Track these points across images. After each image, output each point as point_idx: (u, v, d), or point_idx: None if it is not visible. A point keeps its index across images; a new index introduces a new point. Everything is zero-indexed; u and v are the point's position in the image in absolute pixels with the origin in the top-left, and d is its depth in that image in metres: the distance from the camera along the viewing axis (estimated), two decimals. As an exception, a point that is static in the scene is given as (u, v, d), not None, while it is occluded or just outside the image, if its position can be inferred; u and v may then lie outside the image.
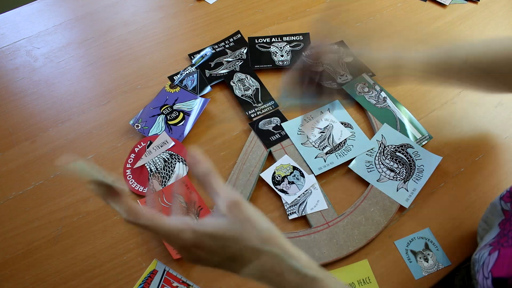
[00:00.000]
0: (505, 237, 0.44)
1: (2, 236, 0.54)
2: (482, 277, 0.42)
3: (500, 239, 0.44)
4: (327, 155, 0.60)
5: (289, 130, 0.63)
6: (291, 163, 0.59)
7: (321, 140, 0.61)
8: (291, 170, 0.58)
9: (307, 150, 0.60)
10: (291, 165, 0.59)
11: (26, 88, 0.70)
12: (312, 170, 0.58)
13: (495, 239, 0.46)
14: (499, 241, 0.45)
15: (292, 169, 0.58)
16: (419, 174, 0.58)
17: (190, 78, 0.70)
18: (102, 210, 0.56)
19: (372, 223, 0.54)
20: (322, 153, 0.60)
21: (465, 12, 0.83)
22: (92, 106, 0.68)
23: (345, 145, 0.61)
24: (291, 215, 0.54)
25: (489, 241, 0.47)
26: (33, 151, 0.62)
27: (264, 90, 0.69)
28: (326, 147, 0.61)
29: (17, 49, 0.76)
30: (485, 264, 0.43)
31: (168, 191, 0.57)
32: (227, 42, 0.76)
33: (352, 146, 0.61)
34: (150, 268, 0.50)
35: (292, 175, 0.58)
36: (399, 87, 0.70)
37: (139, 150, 0.61)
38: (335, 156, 0.60)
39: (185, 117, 0.65)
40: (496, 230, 0.47)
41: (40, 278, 0.51)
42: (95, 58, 0.75)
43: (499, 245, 0.44)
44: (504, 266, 0.40)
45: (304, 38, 0.77)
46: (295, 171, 0.58)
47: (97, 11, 0.83)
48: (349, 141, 0.61)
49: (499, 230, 0.46)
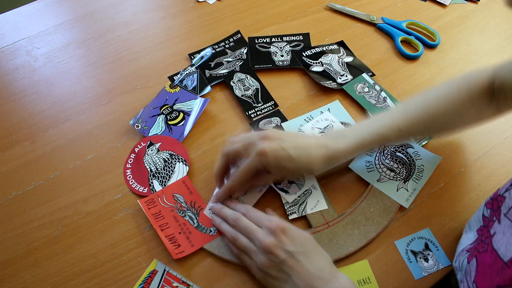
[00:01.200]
0: (482, 243, 0.44)
1: (2, 236, 0.54)
2: (466, 287, 0.42)
3: (477, 246, 0.44)
4: None
5: (289, 130, 0.63)
6: None
7: None
8: None
9: None
10: None
11: (26, 88, 0.70)
12: None
13: (473, 245, 0.45)
14: (476, 247, 0.44)
15: None
16: (419, 174, 0.58)
17: (190, 78, 0.70)
18: (102, 210, 0.56)
19: (372, 223, 0.54)
20: None
21: (465, 12, 0.83)
22: (92, 106, 0.68)
23: None
24: (291, 215, 0.54)
25: (466, 247, 0.47)
26: (33, 151, 0.62)
27: (264, 90, 0.69)
28: None
29: (17, 49, 0.76)
30: (467, 273, 0.43)
31: (168, 191, 0.57)
32: (227, 42, 0.76)
33: None
34: (150, 268, 0.50)
35: None
36: (399, 87, 0.70)
37: (139, 150, 0.61)
38: None
39: (185, 117, 0.65)
40: (474, 236, 0.47)
41: (40, 278, 0.51)
42: (95, 58, 0.75)
43: (475, 251, 0.44)
44: (486, 276, 0.39)
45: (304, 38, 0.77)
46: None
47: (97, 11, 0.83)
48: None
49: (477, 236, 0.46)
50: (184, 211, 0.55)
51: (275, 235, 0.45)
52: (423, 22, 0.79)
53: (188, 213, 0.55)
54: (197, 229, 0.53)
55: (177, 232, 0.53)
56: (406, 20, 0.80)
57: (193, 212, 0.55)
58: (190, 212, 0.55)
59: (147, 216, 0.54)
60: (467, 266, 0.43)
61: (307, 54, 0.74)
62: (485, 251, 0.41)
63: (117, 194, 0.58)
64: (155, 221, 0.54)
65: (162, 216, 0.54)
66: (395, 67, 0.73)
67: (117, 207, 0.56)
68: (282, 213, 0.55)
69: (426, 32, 0.79)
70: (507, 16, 0.83)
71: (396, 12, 0.83)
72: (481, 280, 0.40)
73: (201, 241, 0.52)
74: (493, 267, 0.38)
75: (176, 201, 0.56)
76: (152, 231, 0.54)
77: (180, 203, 0.56)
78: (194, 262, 0.52)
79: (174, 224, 0.53)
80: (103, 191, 0.58)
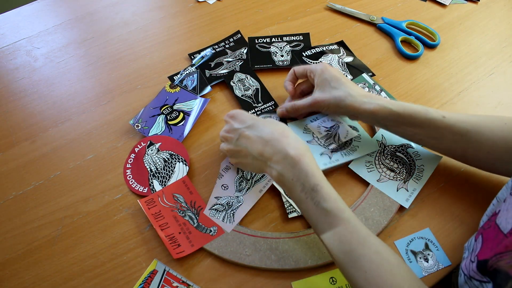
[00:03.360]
0: (487, 221, 0.45)
1: (2, 236, 0.54)
2: (468, 262, 0.43)
3: (484, 224, 0.45)
4: (332, 153, 0.60)
5: (295, 129, 0.63)
6: None
7: (327, 137, 0.61)
8: None
9: (312, 147, 0.60)
10: None
11: (26, 88, 0.70)
12: None
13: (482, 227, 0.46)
14: (483, 225, 0.45)
15: None
16: (419, 174, 0.58)
17: (190, 78, 0.70)
18: (102, 210, 0.56)
19: (372, 223, 0.54)
20: (328, 150, 0.60)
21: (465, 12, 0.83)
22: (92, 106, 0.68)
23: (351, 145, 0.61)
24: (290, 214, 0.54)
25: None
26: (33, 151, 0.62)
27: (264, 90, 0.69)
28: (331, 144, 0.61)
29: (17, 49, 0.76)
30: (474, 250, 0.44)
31: (168, 191, 0.57)
32: (227, 42, 0.76)
33: (357, 147, 0.60)
34: (150, 268, 0.50)
35: None
36: (399, 87, 0.70)
37: (139, 150, 0.61)
38: (340, 155, 0.60)
39: (185, 117, 0.65)
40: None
41: (40, 278, 0.51)
42: (95, 58, 0.75)
43: (482, 229, 0.45)
44: (487, 249, 0.40)
45: (304, 38, 0.77)
46: None
47: (97, 11, 0.83)
48: (354, 142, 0.61)
49: (487, 220, 0.46)
50: (184, 211, 0.55)
51: (226, 122, 0.56)
52: (423, 22, 0.79)
53: (188, 213, 0.55)
54: (197, 229, 0.53)
55: (177, 232, 0.53)
56: (406, 20, 0.80)
57: (193, 212, 0.55)
58: (190, 212, 0.55)
59: (147, 216, 0.54)
60: (474, 244, 0.44)
61: (307, 54, 0.74)
62: (489, 227, 0.42)
63: (117, 194, 0.58)
64: (155, 221, 0.54)
65: (162, 216, 0.54)
66: (395, 67, 0.73)
67: (117, 207, 0.56)
68: (282, 212, 0.55)
69: (426, 32, 0.79)
70: (507, 16, 0.83)
71: (396, 12, 0.83)
72: (482, 254, 0.41)
73: (201, 241, 0.52)
74: (494, 241, 0.40)
75: (176, 201, 0.56)
76: (152, 231, 0.54)
77: (180, 203, 0.56)
78: (194, 262, 0.52)
79: (174, 224, 0.53)
80: (103, 191, 0.58)
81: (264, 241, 0.52)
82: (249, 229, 0.53)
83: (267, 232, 0.53)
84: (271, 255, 0.51)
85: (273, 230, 0.54)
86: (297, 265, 0.50)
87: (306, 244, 0.52)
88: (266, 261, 0.51)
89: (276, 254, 0.51)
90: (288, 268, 0.50)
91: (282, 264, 0.50)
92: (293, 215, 0.54)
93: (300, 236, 0.52)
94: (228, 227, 0.53)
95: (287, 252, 0.51)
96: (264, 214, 0.56)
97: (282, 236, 0.52)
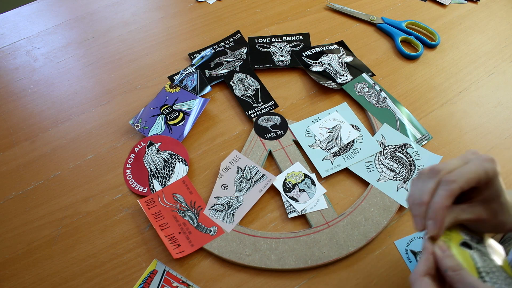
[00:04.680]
0: None
1: (2, 236, 0.54)
2: None
3: None
4: (334, 158, 0.60)
5: (296, 131, 0.63)
6: (303, 170, 0.58)
7: (329, 140, 0.61)
8: (302, 177, 0.58)
9: (314, 152, 0.60)
10: (303, 173, 0.58)
11: (26, 88, 0.70)
12: (319, 173, 0.58)
13: None
14: None
15: (303, 177, 0.58)
16: (419, 174, 0.58)
17: (190, 78, 0.70)
18: (102, 210, 0.56)
19: (372, 223, 0.54)
20: (329, 155, 0.60)
21: (465, 12, 0.83)
22: (92, 106, 0.68)
23: (353, 147, 0.61)
24: (290, 214, 0.54)
25: None
26: (33, 151, 0.62)
27: (264, 90, 0.69)
28: (333, 147, 0.61)
29: (17, 49, 0.76)
30: None
31: (168, 191, 0.57)
32: (227, 42, 0.76)
33: (359, 149, 0.60)
34: (150, 268, 0.50)
35: (303, 183, 0.57)
36: (399, 87, 0.70)
37: (139, 150, 0.61)
38: (342, 159, 0.60)
39: (185, 117, 0.65)
40: None
41: (40, 278, 0.51)
42: (95, 58, 0.75)
43: None
44: None
45: (304, 38, 0.77)
46: (307, 178, 0.58)
47: (97, 11, 0.83)
48: (356, 144, 0.61)
49: None
50: (184, 211, 0.55)
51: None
52: (423, 22, 0.79)
53: (188, 213, 0.55)
54: (197, 229, 0.53)
55: (177, 232, 0.53)
56: (406, 20, 0.80)
57: (193, 212, 0.55)
58: (190, 212, 0.55)
59: (147, 216, 0.54)
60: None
61: (307, 54, 0.74)
62: None
63: (117, 194, 0.58)
64: (155, 221, 0.54)
65: (162, 216, 0.54)
66: (395, 67, 0.73)
67: (117, 207, 0.56)
68: (282, 212, 0.55)
69: (426, 32, 0.79)
70: (507, 16, 0.83)
71: (396, 12, 0.83)
72: None
73: (201, 241, 0.52)
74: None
75: (176, 201, 0.56)
76: (152, 231, 0.54)
77: (180, 203, 0.56)
78: (194, 262, 0.52)
79: (174, 224, 0.53)
80: (103, 191, 0.58)
81: (264, 241, 0.52)
82: (249, 229, 0.53)
83: (267, 232, 0.53)
84: (271, 255, 0.51)
85: (273, 230, 0.54)
86: (297, 265, 0.50)
87: (306, 244, 0.52)
88: (266, 261, 0.51)
89: (276, 254, 0.51)
90: (288, 268, 0.50)
91: (282, 264, 0.50)
92: (293, 215, 0.54)
93: (300, 236, 0.52)
94: (228, 227, 0.53)
95: (287, 252, 0.51)
96: (264, 214, 0.56)
97: (282, 236, 0.52)
